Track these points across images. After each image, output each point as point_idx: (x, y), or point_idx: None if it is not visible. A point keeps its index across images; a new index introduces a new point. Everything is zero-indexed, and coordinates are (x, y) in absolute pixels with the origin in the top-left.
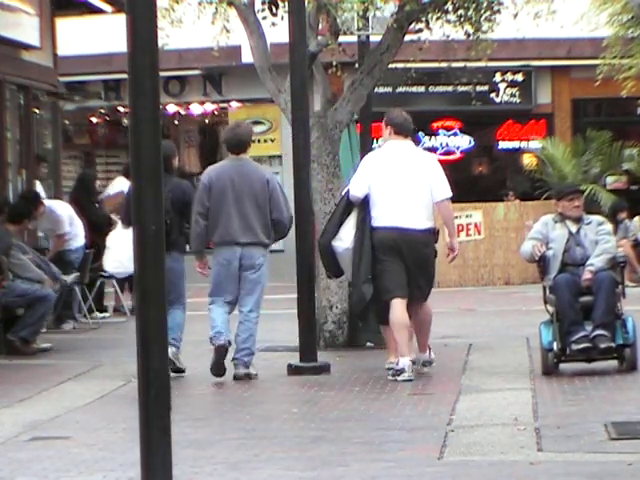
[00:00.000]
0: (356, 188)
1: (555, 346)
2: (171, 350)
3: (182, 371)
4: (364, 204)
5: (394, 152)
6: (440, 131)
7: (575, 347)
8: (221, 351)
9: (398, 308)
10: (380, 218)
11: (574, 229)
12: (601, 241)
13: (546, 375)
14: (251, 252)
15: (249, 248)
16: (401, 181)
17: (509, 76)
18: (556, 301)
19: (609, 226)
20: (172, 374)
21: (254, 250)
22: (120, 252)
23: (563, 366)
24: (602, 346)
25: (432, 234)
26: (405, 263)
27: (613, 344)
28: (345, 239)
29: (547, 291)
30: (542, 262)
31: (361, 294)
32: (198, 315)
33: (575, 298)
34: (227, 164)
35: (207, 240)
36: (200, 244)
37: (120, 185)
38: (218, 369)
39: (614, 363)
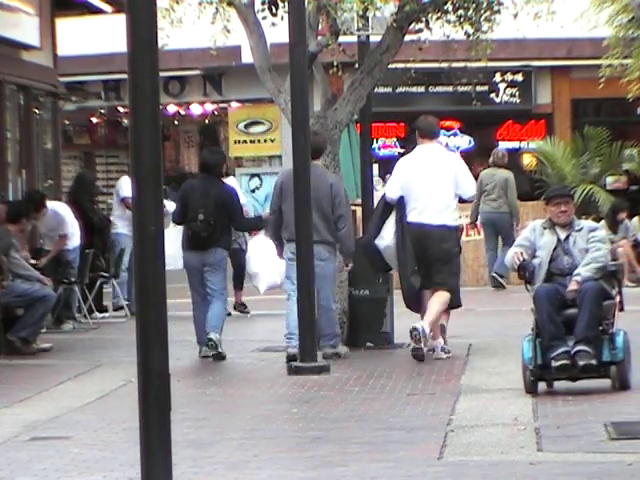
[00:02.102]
0: (390, 191)
1: (534, 363)
2: (215, 335)
3: (224, 357)
4: (400, 204)
5: (421, 155)
6: (440, 131)
7: (554, 364)
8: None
9: (426, 296)
10: (409, 216)
11: (563, 236)
12: (591, 249)
13: (529, 394)
14: (317, 249)
15: (314, 245)
16: (427, 181)
17: (509, 76)
18: (536, 313)
19: (602, 233)
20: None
21: (318, 247)
22: (169, 250)
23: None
24: (581, 363)
25: (452, 230)
26: (426, 256)
27: (594, 361)
28: (386, 237)
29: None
30: (522, 271)
31: (410, 284)
32: None
33: (557, 310)
34: None
35: (280, 235)
36: (275, 238)
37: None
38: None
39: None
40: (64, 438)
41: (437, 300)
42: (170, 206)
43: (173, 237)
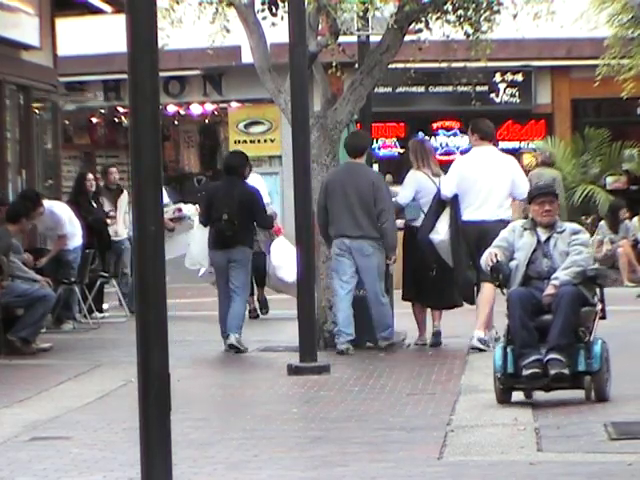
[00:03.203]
0: (445, 189)
1: (504, 371)
2: (235, 337)
3: (246, 350)
4: (455, 202)
5: (480, 156)
6: (440, 131)
7: (525, 372)
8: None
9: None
10: (465, 213)
11: (544, 237)
12: (572, 252)
13: (501, 404)
14: (360, 244)
15: (358, 241)
16: (485, 181)
17: (509, 76)
18: (508, 319)
19: (585, 236)
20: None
21: (362, 242)
22: (195, 249)
23: None
24: (553, 372)
25: (505, 224)
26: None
27: (567, 370)
28: (441, 232)
29: None
30: (495, 273)
31: (467, 278)
32: (197, 315)
33: (532, 316)
34: (342, 167)
35: (328, 232)
36: (325, 236)
37: None
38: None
39: (613, 363)
40: (64, 438)
41: (482, 300)
42: (187, 209)
43: (198, 238)
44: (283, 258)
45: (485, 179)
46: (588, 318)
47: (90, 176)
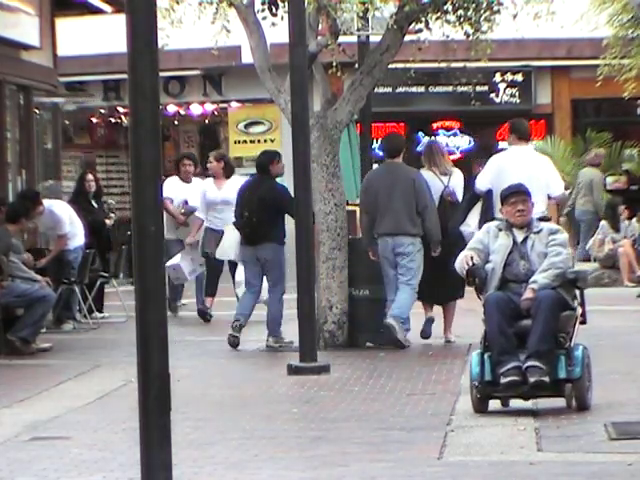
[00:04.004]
0: (480, 183)
1: (481, 379)
2: (271, 339)
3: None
4: (488, 197)
5: (516, 155)
6: (440, 131)
7: (503, 380)
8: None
9: None
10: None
11: (520, 238)
12: (550, 253)
13: (478, 413)
14: (401, 241)
15: (399, 238)
16: (521, 179)
17: (509, 76)
18: (485, 324)
19: (563, 236)
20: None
21: (403, 239)
22: (227, 242)
23: None
24: (532, 380)
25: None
26: None
27: (547, 378)
28: (471, 224)
29: None
30: (472, 277)
31: None
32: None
33: (510, 321)
34: (382, 168)
35: (372, 232)
36: (367, 236)
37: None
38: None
39: (613, 363)
40: (64, 438)
41: None
42: (192, 202)
43: (231, 232)
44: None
45: (520, 177)
46: (568, 323)
47: (90, 177)
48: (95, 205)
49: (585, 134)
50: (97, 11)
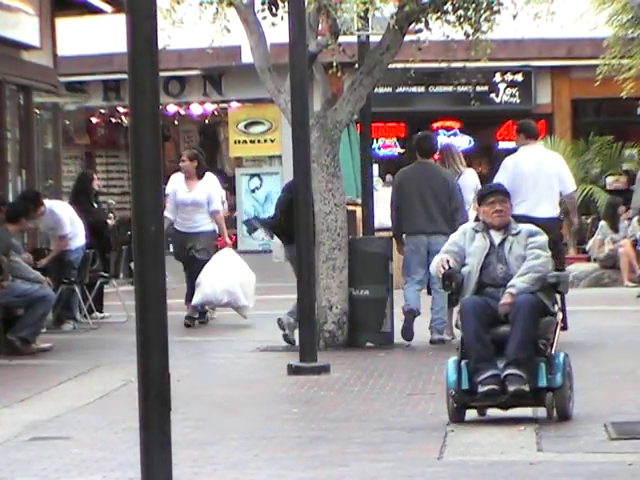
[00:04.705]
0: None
1: (457, 388)
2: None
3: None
4: None
5: (529, 154)
6: (440, 131)
7: (480, 389)
8: (409, 317)
9: None
10: (518, 209)
11: (498, 240)
12: (529, 256)
13: (454, 423)
14: (436, 240)
15: (434, 236)
16: (534, 178)
17: (509, 76)
18: (461, 330)
19: (542, 238)
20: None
21: (438, 238)
22: (276, 244)
23: None
24: (511, 389)
25: (555, 221)
26: None
27: (526, 387)
28: None
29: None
30: (448, 281)
31: None
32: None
33: (487, 327)
34: (415, 167)
35: (402, 230)
36: (397, 233)
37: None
38: (406, 332)
39: (613, 363)
40: (64, 438)
41: None
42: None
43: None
44: (210, 276)
45: (534, 176)
46: (549, 329)
47: (96, 176)
48: (95, 205)
49: (587, 137)
50: (97, 11)
